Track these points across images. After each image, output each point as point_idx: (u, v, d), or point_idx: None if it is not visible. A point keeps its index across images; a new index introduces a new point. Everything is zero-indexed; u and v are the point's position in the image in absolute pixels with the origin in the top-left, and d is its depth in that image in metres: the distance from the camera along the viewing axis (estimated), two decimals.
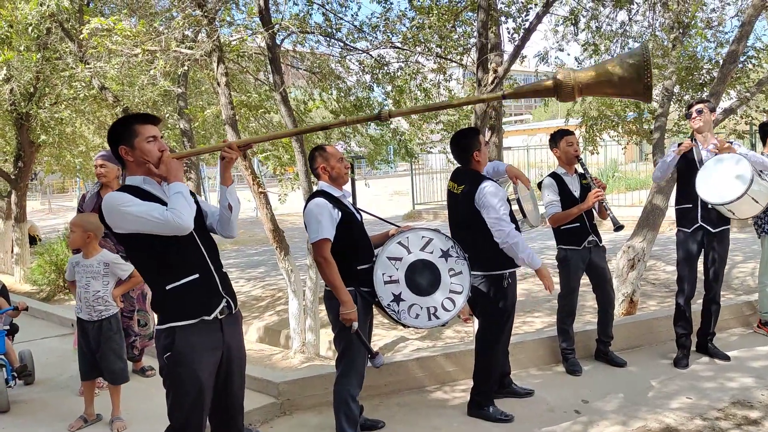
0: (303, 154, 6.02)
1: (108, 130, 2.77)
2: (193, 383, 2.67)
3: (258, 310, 8.20)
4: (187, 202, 2.60)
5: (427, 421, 4.13)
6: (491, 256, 3.94)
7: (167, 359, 2.64)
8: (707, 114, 4.81)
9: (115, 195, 2.63)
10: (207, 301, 2.73)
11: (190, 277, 2.67)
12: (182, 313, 2.66)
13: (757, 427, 3.81)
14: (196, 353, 2.66)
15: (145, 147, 2.68)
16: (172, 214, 2.53)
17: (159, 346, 2.69)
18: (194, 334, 2.66)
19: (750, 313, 5.83)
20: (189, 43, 6.48)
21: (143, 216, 2.54)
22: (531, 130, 36.56)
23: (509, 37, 6.55)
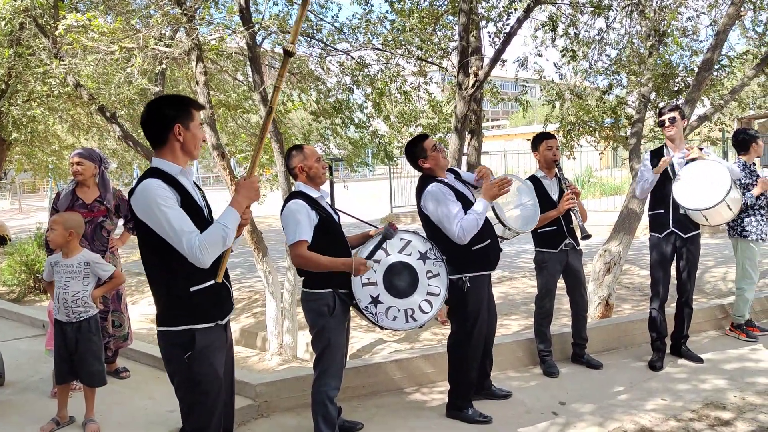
0: (282, 155, 5.99)
1: (157, 104, 2.67)
2: (215, 382, 2.67)
3: (235, 312, 8.08)
4: (224, 239, 2.53)
5: (405, 422, 4.12)
6: (447, 259, 3.88)
7: (188, 359, 2.58)
8: (679, 121, 4.90)
9: (158, 186, 2.52)
10: (224, 305, 2.75)
11: (211, 281, 2.65)
12: (204, 316, 2.63)
13: (730, 428, 3.87)
14: (217, 352, 2.68)
15: (198, 133, 2.68)
16: (200, 248, 2.46)
17: (175, 345, 2.60)
18: (212, 335, 2.66)
19: (722, 317, 5.92)
20: (167, 41, 6.41)
21: (173, 228, 2.46)
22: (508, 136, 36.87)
23: (490, 41, 6.61)
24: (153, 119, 2.65)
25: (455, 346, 4.16)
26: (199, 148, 2.73)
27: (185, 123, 2.63)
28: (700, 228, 5.00)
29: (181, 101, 2.70)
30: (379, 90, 7.93)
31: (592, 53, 7.95)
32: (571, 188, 4.76)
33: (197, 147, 2.71)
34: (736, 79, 7.99)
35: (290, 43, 2.68)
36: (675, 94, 7.37)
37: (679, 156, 4.87)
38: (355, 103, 8.49)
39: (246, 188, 2.66)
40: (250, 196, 2.66)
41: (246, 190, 2.65)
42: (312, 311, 3.60)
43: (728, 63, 7.87)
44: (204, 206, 2.75)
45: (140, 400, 4.32)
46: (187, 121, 2.64)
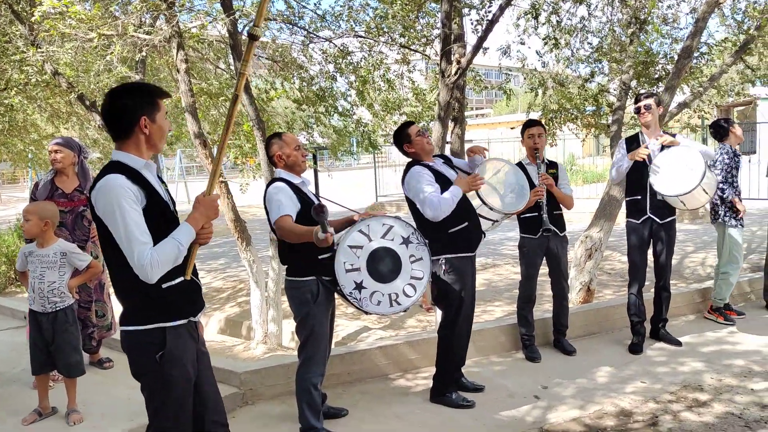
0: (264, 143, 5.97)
1: (121, 94, 2.51)
2: (185, 382, 2.59)
3: (219, 301, 8.11)
4: (177, 257, 2.44)
5: (390, 408, 4.16)
6: (428, 241, 3.92)
7: (160, 358, 2.49)
8: (654, 108, 4.96)
9: (122, 184, 2.39)
10: (196, 301, 2.68)
11: (182, 277, 2.56)
12: (176, 313, 2.55)
13: (707, 409, 3.95)
14: (187, 351, 2.59)
15: (164, 124, 2.55)
16: (150, 263, 2.35)
17: (143, 345, 2.51)
18: (183, 332, 2.57)
19: (700, 301, 6.02)
20: (147, 28, 6.34)
21: (128, 235, 2.36)
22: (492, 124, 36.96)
23: (472, 28, 6.61)
24: (116, 111, 2.49)
25: (441, 329, 4.22)
26: (164, 141, 2.62)
27: (151, 115, 2.50)
28: (680, 213, 5.07)
29: (146, 91, 2.55)
30: (362, 78, 7.91)
31: (574, 41, 7.98)
32: (542, 178, 4.79)
33: (163, 139, 2.59)
34: (715, 66, 8.07)
35: (254, 27, 2.58)
36: (655, 81, 7.44)
37: (654, 143, 4.93)
38: (339, 91, 8.46)
39: (204, 205, 2.54)
40: (209, 214, 2.54)
41: (204, 208, 2.54)
42: (296, 299, 3.62)
43: (707, 50, 7.95)
44: (169, 200, 2.64)
45: (124, 390, 4.31)
46: (153, 112, 2.50)
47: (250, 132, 6.69)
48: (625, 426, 3.79)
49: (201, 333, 2.87)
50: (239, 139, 7.89)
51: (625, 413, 3.96)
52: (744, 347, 5.05)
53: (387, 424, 3.94)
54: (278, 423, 3.98)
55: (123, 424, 3.75)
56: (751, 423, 3.72)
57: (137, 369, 2.56)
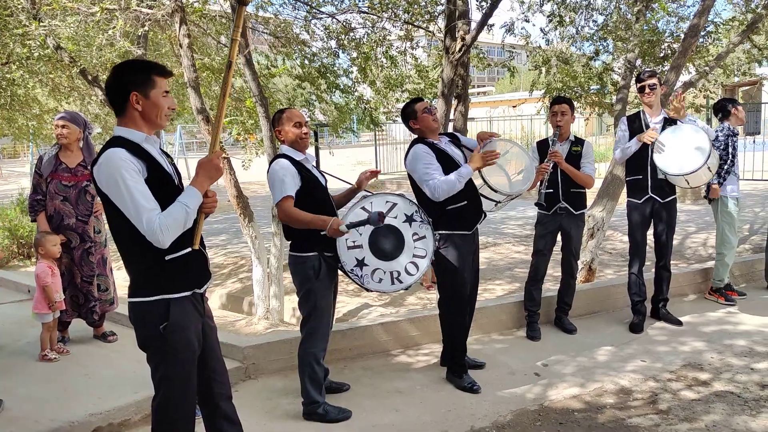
0: (267, 119, 5.94)
1: (116, 70, 2.55)
2: (188, 353, 2.61)
3: (221, 277, 8.13)
4: (185, 220, 2.45)
5: (391, 384, 4.19)
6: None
7: (164, 329, 2.52)
8: (658, 87, 4.93)
9: (122, 157, 2.42)
10: (201, 274, 2.69)
11: (188, 249, 2.58)
12: (180, 285, 2.57)
13: (707, 388, 3.98)
14: (191, 323, 2.61)
15: (160, 101, 2.54)
16: (160, 227, 2.38)
17: (148, 317, 2.54)
18: (187, 304, 2.59)
19: (702, 281, 6.04)
20: (150, 2, 6.28)
21: (134, 203, 2.38)
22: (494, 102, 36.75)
23: (477, 5, 6.54)
24: (112, 86, 2.54)
25: (439, 306, 4.24)
26: (164, 118, 2.60)
27: (144, 91, 2.51)
28: (681, 193, 5.07)
29: (142, 67, 2.56)
30: (364, 54, 7.85)
31: (579, 19, 7.91)
32: (551, 155, 4.77)
33: (161, 117, 2.57)
34: (722, 45, 8.00)
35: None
36: (661, 60, 7.39)
37: (656, 121, 4.91)
38: (341, 68, 8.40)
39: (205, 168, 2.56)
40: (211, 175, 2.56)
41: (206, 170, 2.56)
42: (299, 274, 3.65)
43: (714, 29, 7.87)
44: (174, 173, 2.65)
45: (128, 363, 4.35)
46: (146, 89, 2.51)
47: (253, 108, 6.65)
48: (625, 404, 3.82)
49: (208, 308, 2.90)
50: (242, 114, 7.85)
51: (625, 391, 4.00)
52: (745, 327, 5.07)
53: (388, 399, 3.98)
54: (280, 397, 4.02)
55: (128, 396, 3.78)
56: (751, 402, 3.76)
57: (143, 340, 2.60)
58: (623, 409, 3.76)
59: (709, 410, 3.68)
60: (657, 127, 4.87)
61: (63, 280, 4.62)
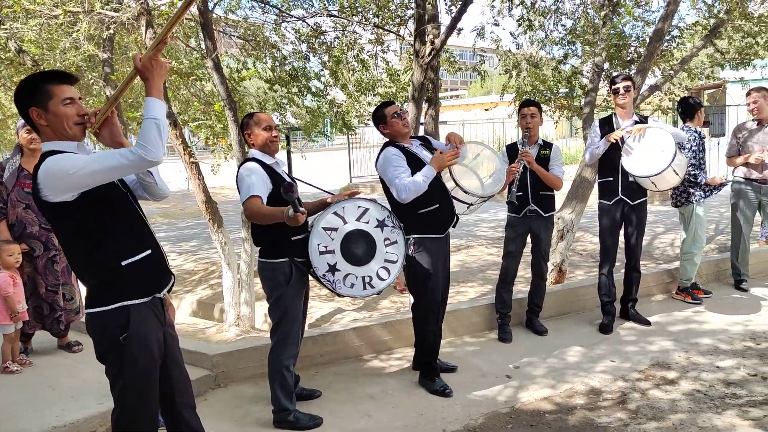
0: (236, 123, 5.89)
1: (15, 90, 2.46)
2: (149, 363, 2.55)
3: (191, 284, 8.04)
4: (159, 129, 2.33)
5: (363, 389, 4.17)
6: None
7: (124, 340, 2.46)
8: (631, 90, 5.00)
9: (63, 156, 2.35)
10: (159, 277, 2.63)
11: (145, 252, 2.54)
12: (138, 291, 2.51)
13: (674, 386, 4.03)
14: (151, 331, 2.55)
15: (60, 110, 2.41)
16: (139, 150, 2.28)
17: (108, 326, 2.47)
18: (147, 311, 2.54)
19: (669, 281, 6.13)
20: (115, 5, 6.18)
21: (100, 165, 2.31)
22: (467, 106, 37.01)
23: (446, 9, 6.57)
24: (17, 107, 2.45)
25: (413, 310, 4.23)
26: (75, 127, 2.46)
27: (42, 104, 2.39)
28: (650, 195, 5.13)
29: (34, 80, 2.43)
30: (336, 58, 7.83)
31: (547, 23, 7.99)
32: (522, 155, 4.79)
33: (70, 126, 2.44)
34: (686, 50, 8.15)
35: None
36: (627, 64, 7.48)
37: (628, 124, 4.97)
38: (312, 71, 8.37)
39: (147, 68, 2.39)
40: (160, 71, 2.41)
41: (148, 71, 2.39)
42: (269, 280, 3.61)
43: (678, 34, 8.01)
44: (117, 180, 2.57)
45: (93, 373, 4.24)
46: (43, 101, 2.39)
47: (222, 112, 6.59)
48: (595, 404, 3.85)
49: (171, 316, 2.84)
50: (210, 119, 7.77)
51: (595, 392, 4.03)
52: (711, 326, 5.16)
53: (360, 404, 3.96)
54: (251, 405, 3.97)
55: (93, 406, 3.71)
56: (716, 399, 3.81)
57: (102, 351, 2.54)
58: (593, 409, 3.79)
59: (676, 409, 3.72)
60: (628, 130, 4.92)
61: (26, 290, 4.50)
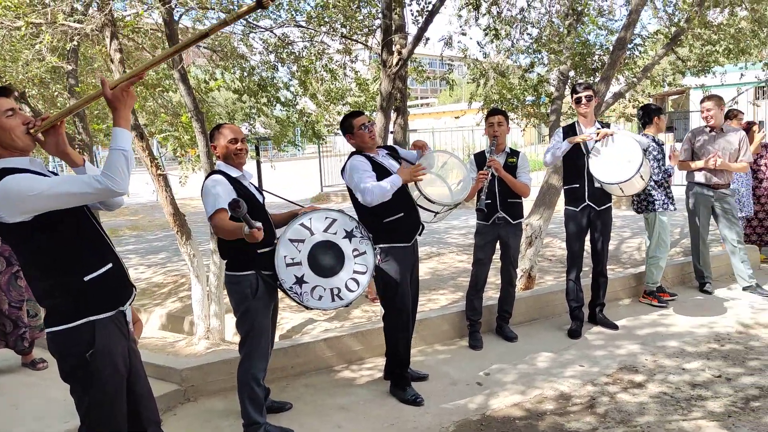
0: (204, 134, 5.85)
1: None
2: (116, 378, 2.52)
3: (160, 297, 7.94)
4: (127, 160, 2.33)
5: (334, 400, 4.15)
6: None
7: (90, 357, 2.42)
8: (594, 99, 5.10)
9: (19, 176, 2.31)
10: (122, 290, 2.60)
11: (107, 266, 2.51)
12: (102, 305, 2.48)
13: (642, 390, 4.09)
14: (117, 346, 2.52)
15: (4, 123, 2.36)
16: (107, 180, 2.28)
17: (73, 343, 2.43)
18: (112, 326, 2.50)
19: (636, 284, 6.23)
20: (78, 16, 6.10)
21: (62, 188, 2.30)
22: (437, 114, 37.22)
23: (413, 19, 6.63)
24: None
25: (383, 319, 4.24)
26: (24, 137, 2.41)
27: None
28: (616, 200, 5.23)
29: None
30: (304, 68, 7.84)
31: (514, 32, 8.11)
32: (489, 162, 4.84)
33: (18, 137, 2.39)
34: (649, 57, 8.33)
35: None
36: (592, 71, 7.62)
37: (591, 132, 5.06)
38: (281, 81, 8.36)
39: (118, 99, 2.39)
40: (128, 102, 2.41)
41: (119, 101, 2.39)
42: (235, 294, 3.57)
43: (641, 42, 8.19)
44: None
45: (57, 391, 4.16)
46: None
47: (189, 123, 6.54)
48: (564, 409, 3.89)
49: (139, 331, 2.81)
50: (178, 130, 7.71)
51: (564, 397, 4.07)
52: (677, 329, 5.25)
53: (331, 416, 3.94)
54: (221, 419, 3.93)
55: (58, 425, 3.63)
56: (683, 402, 3.88)
57: (68, 369, 2.48)
58: (563, 414, 3.83)
59: (644, 411, 3.78)
60: (591, 138, 5.00)
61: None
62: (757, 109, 14.59)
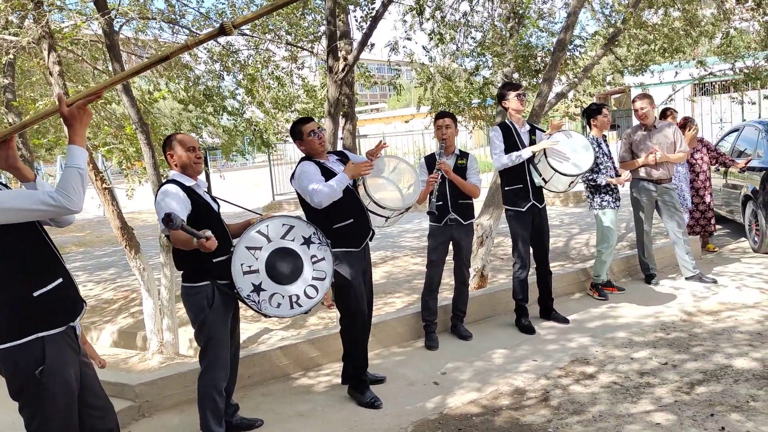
0: (149, 146, 5.76)
1: None
2: (67, 396, 2.47)
3: (110, 313, 7.75)
4: (82, 178, 2.34)
5: (293, 407, 4.14)
6: None
7: (40, 374, 2.38)
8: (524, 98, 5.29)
9: None
10: (72, 306, 2.56)
11: (56, 281, 2.46)
12: (52, 321, 2.43)
13: (593, 380, 4.21)
14: (68, 363, 2.47)
15: None
16: (63, 197, 2.28)
17: (21, 362, 2.38)
18: (62, 342, 2.46)
19: (585, 279, 6.40)
20: (14, 29, 5.93)
21: (19, 202, 2.29)
22: (387, 119, 37.40)
23: (358, 25, 6.66)
24: None
25: (341, 323, 4.25)
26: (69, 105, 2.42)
27: None
28: (565, 197, 5.37)
29: None
30: (250, 76, 7.79)
31: (458, 36, 8.24)
32: (438, 165, 4.91)
33: None
34: (589, 58, 8.58)
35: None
36: (535, 73, 7.81)
37: (525, 130, 5.25)
38: (227, 90, 8.29)
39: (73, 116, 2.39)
40: (84, 119, 2.42)
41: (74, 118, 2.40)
42: (192, 305, 3.51)
43: (581, 43, 8.44)
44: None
45: (8, 414, 4.01)
46: None
47: (134, 135, 6.42)
48: (520, 403, 3.97)
49: (89, 350, 2.76)
50: (122, 142, 7.55)
51: (519, 391, 4.15)
52: (625, 320, 5.42)
53: (290, 423, 3.93)
54: None
55: None
56: (632, 390, 4.01)
57: (17, 388, 2.43)
58: (518, 409, 3.90)
59: (596, 401, 3.89)
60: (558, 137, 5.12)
61: None
62: (695, 105, 15.17)
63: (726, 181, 8.33)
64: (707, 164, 7.61)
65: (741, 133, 8.62)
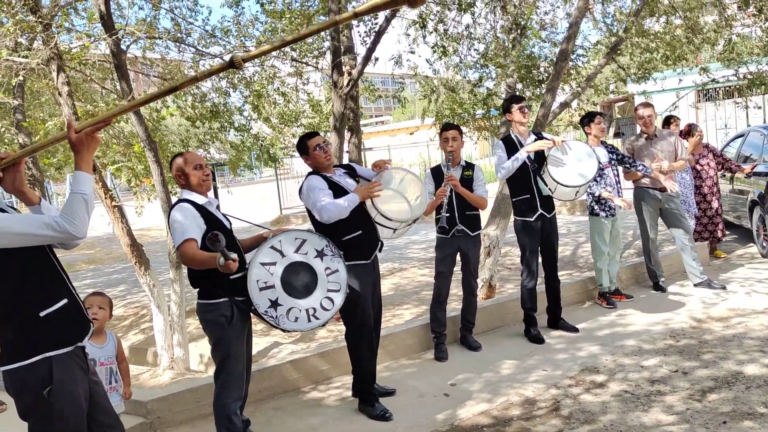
0: (158, 163, 5.82)
1: None
2: (76, 415, 2.48)
3: (121, 330, 7.79)
4: (87, 204, 2.37)
5: (304, 421, 4.15)
6: None
7: (48, 394, 2.39)
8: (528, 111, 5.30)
9: None
10: (79, 325, 2.57)
11: (62, 301, 2.48)
12: (60, 341, 2.45)
13: (603, 389, 4.21)
14: (77, 382, 2.49)
15: None
16: (66, 223, 2.32)
17: (29, 382, 2.40)
18: (70, 362, 2.47)
19: (593, 287, 6.40)
20: (23, 51, 6.03)
21: (21, 225, 2.32)
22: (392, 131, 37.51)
23: (361, 40, 6.74)
24: None
25: (346, 337, 4.27)
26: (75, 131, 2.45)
27: None
28: (572, 206, 5.39)
29: None
30: (256, 92, 7.87)
31: (461, 48, 8.31)
32: (447, 179, 4.94)
33: None
34: (591, 67, 8.62)
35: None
36: (538, 83, 7.85)
37: (530, 141, 5.23)
38: (234, 106, 8.38)
39: (81, 142, 2.42)
40: (91, 146, 2.45)
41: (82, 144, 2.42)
42: (209, 322, 3.50)
43: (583, 53, 8.48)
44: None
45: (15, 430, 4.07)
46: None
47: (142, 153, 6.49)
48: (530, 414, 3.97)
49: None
50: (131, 160, 7.63)
51: (530, 402, 4.15)
52: (634, 328, 5.41)
53: None
54: None
55: None
56: (642, 398, 4.00)
57: (25, 408, 2.44)
58: (529, 419, 3.90)
59: (606, 410, 3.89)
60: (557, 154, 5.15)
61: None
62: (699, 111, 15.17)
63: (732, 186, 8.32)
64: (714, 170, 7.60)
65: (746, 138, 8.63)
